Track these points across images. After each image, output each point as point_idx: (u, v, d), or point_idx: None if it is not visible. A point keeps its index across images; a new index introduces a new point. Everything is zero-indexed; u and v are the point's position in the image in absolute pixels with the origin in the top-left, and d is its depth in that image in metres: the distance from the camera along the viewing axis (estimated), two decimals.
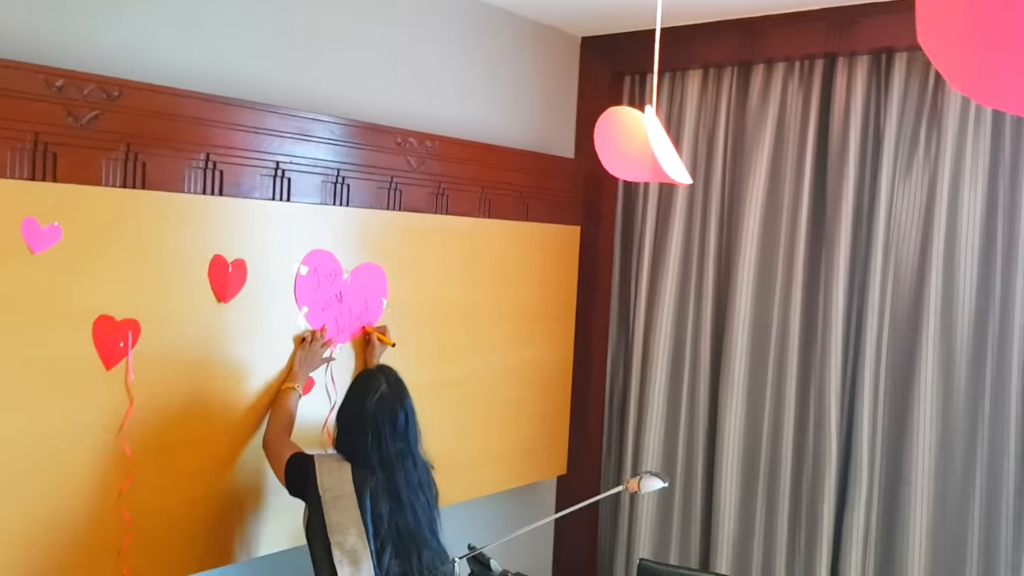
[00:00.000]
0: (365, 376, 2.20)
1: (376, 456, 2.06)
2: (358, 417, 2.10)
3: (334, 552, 1.96)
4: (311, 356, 2.39)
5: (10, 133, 1.82)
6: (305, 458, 2.10)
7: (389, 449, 2.07)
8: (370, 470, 2.05)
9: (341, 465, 2.06)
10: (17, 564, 1.87)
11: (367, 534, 1.97)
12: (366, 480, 2.02)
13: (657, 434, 3.38)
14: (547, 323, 3.24)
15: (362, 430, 2.08)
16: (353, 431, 2.10)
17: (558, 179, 3.26)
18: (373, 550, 1.97)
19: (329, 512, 1.99)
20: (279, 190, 2.34)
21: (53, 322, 1.90)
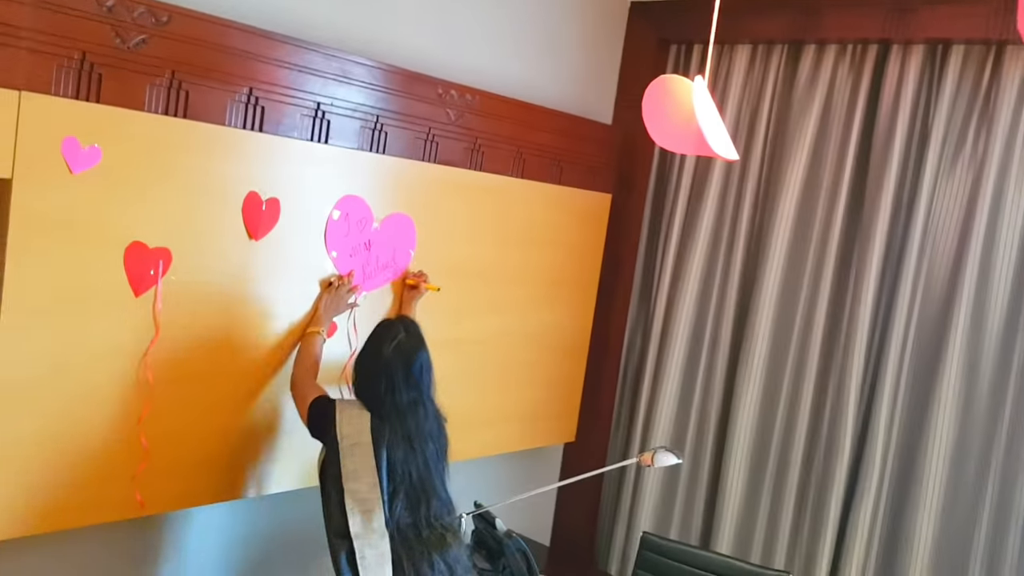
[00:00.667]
0: (384, 325, 2.22)
1: (390, 402, 2.09)
2: (375, 364, 2.13)
3: (347, 499, 1.99)
4: (336, 301, 2.41)
5: (58, 50, 1.82)
6: (327, 402, 2.14)
7: (402, 397, 2.10)
8: (386, 419, 2.07)
9: (361, 413, 2.09)
10: (32, 478, 1.92)
11: (381, 483, 2.01)
12: (383, 430, 2.05)
13: (669, 410, 3.41)
14: (569, 289, 3.25)
15: (377, 377, 2.11)
16: (369, 377, 2.13)
17: (594, 144, 3.25)
18: (386, 499, 2.00)
19: (345, 459, 2.02)
20: (318, 131, 2.34)
21: (86, 244, 1.92)
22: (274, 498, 2.51)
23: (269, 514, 2.66)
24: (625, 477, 3.52)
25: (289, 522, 2.73)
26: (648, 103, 2.13)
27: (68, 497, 1.97)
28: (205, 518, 2.52)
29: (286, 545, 2.76)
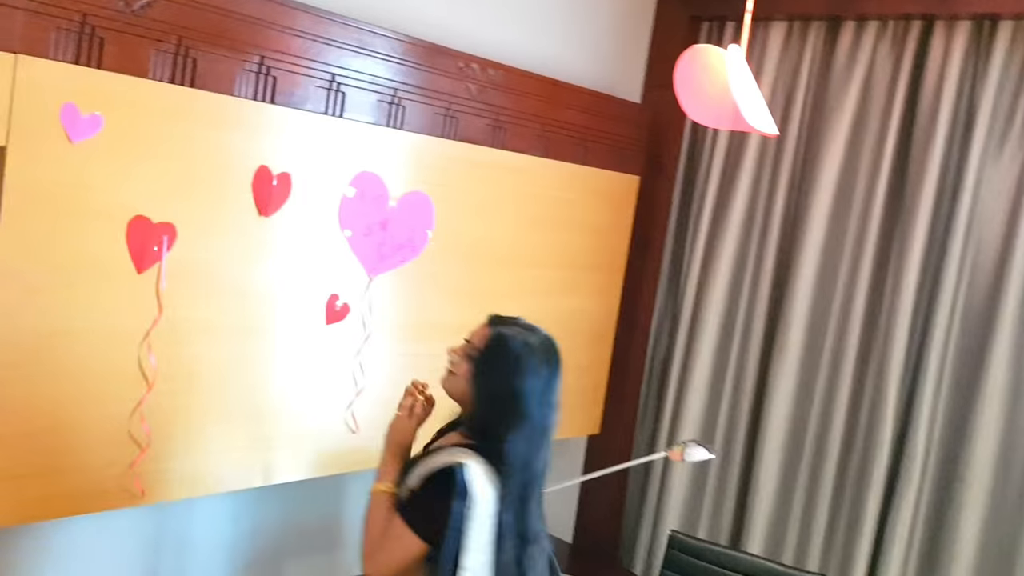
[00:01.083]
0: (520, 345, 1.86)
1: (521, 469, 1.82)
2: (511, 407, 1.83)
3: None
4: (404, 429, 1.95)
5: (57, 11, 1.74)
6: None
7: (539, 463, 1.85)
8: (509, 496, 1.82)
9: (486, 488, 1.80)
10: (23, 464, 1.84)
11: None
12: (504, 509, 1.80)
13: (698, 402, 3.31)
14: (594, 274, 3.15)
15: (514, 425, 1.82)
16: (502, 422, 1.84)
17: (622, 124, 3.15)
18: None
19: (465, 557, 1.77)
20: (332, 104, 2.25)
21: (85, 217, 1.84)
22: (282, 488, 2.43)
23: (277, 504, 2.59)
24: (651, 472, 3.42)
25: (298, 513, 2.65)
26: (681, 75, 2.02)
27: (63, 484, 1.90)
28: (210, 508, 2.45)
29: (294, 536, 2.69)
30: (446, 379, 1.92)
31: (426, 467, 1.85)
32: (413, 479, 1.86)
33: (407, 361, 2.53)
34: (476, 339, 1.90)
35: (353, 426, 2.43)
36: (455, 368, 1.90)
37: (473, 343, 1.89)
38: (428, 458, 1.87)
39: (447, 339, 2.47)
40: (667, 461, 3.23)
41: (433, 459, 1.86)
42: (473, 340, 1.90)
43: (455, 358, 1.91)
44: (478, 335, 1.90)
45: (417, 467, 1.87)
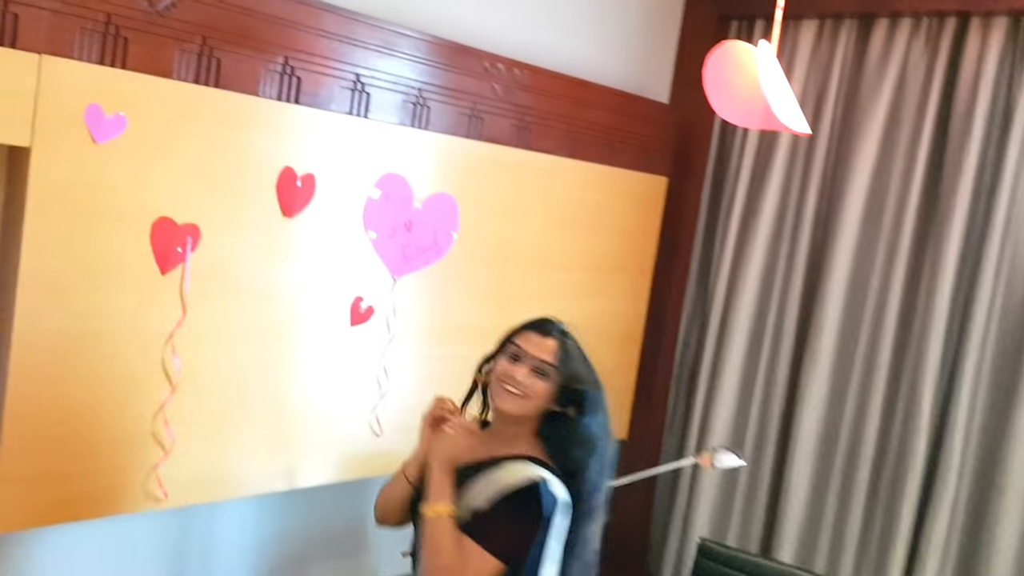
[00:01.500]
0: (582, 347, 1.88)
1: (597, 478, 1.81)
2: (597, 408, 1.85)
3: None
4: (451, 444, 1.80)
5: (81, 11, 1.75)
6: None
7: (608, 474, 1.84)
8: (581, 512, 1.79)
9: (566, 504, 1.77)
10: (46, 466, 1.84)
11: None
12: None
13: (728, 407, 3.26)
14: (621, 276, 3.12)
15: (588, 451, 1.81)
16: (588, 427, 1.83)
17: (649, 124, 3.12)
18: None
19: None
20: (357, 105, 2.25)
21: (110, 218, 1.84)
22: (306, 492, 2.41)
23: (301, 509, 2.58)
24: (680, 478, 3.38)
25: (322, 517, 2.64)
26: (710, 73, 1.98)
27: (85, 487, 1.90)
28: (234, 512, 2.44)
29: (319, 541, 2.67)
30: (514, 402, 1.81)
31: (496, 484, 1.74)
32: (478, 498, 1.74)
33: (432, 364, 2.51)
34: (541, 353, 1.82)
35: (377, 430, 2.42)
36: (528, 390, 1.79)
37: (540, 357, 1.81)
38: (490, 473, 1.77)
39: (472, 342, 2.46)
40: (696, 467, 3.18)
41: (501, 474, 1.76)
42: (538, 355, 1.81)
43: (525, 380, 1.80)
44: (541, 348, 1.82)
45: (477, 483, 1.76)
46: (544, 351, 1.83)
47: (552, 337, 1.85)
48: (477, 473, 1.78)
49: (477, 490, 1.76)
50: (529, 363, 1.81)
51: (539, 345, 1.83)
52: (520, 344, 1.84)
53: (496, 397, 1.84)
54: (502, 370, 1.83)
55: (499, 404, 1.83)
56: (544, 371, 1.81)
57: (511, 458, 1.80)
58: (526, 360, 1.82)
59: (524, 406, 1.82)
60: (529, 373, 1.81)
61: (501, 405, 1.83)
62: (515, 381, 1.80)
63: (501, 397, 1.82)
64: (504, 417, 1.85)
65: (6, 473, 1.78)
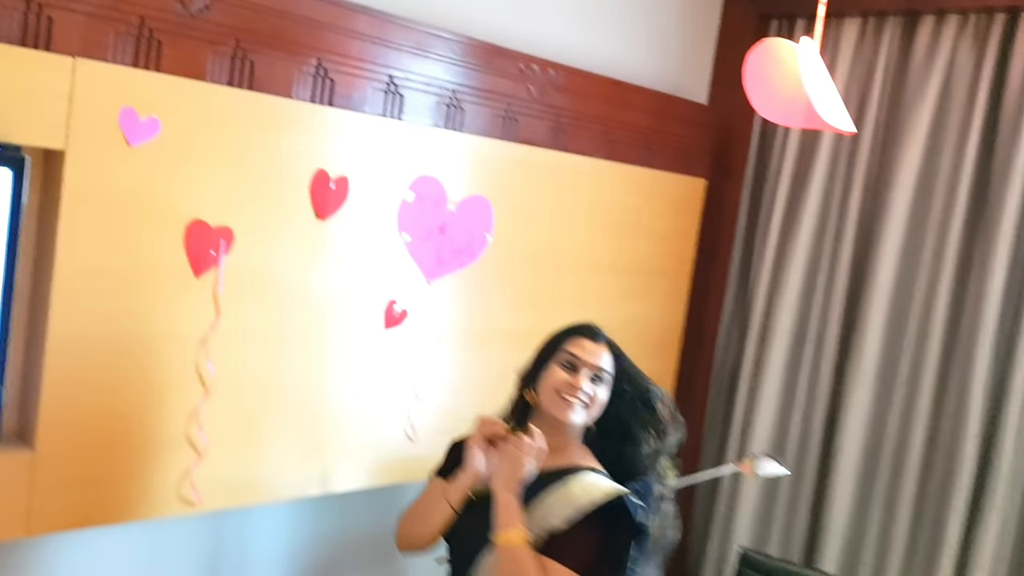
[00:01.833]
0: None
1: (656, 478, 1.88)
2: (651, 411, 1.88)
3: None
4: (514, 463, 1.73)
5: (115, 14, 1.75)
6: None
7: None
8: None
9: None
10: (79, 469, 1.85)
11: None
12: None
13: (769, 414, 3.21)
14: (659, 280, 3.09)
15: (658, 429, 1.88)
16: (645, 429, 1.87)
17: (687, 126, 3.08)
18: None
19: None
20: (391, 106, 2.24)
21: (144, 221, 1.85)
22: (341, 498, 2.41)
23: (336, 514, 2.57)
24: (720, 486, 3.32)
25: (356, 523, 2.63)
26: (750, 70, 1.95)
27: (119, 491, 1.91)
28: (269, 517, 2.43)
29: (353, 546, 2.66)
30: (580, 412, 1.80)
31: (572, 502, 1.71)
32: (551, 518, 1.70)
33: (466, 368, 2.50)
34: (597, 359, 1.82)
35: (412, 435, 2.40)
36: (591, 400, 1.81)
37: (598, 365, 1.82)
38: (554, 489, 1.74)
39: (507, 346, 2.47)
40: (737, 475, 3.13)
41: (574, 491, 1.72)
42: (595, 362, 1.82)
43: (589, 389, 1.80)
44: (596, 355, 1.83)
45: (543, 501, 1.73)
46: (599, 357, 1.83)
47: (603, 342, 1.86)
48: (537, 489, 1.75)
49: (547, 509, 1.72)
50: (588, 371, 1.81)
51: (593, 352, 1.83)
52: (574, 352, 1.83)
53: (556, 409, 1.81)
54: (562, 381, 1.81)
55: (562, 416, 1.80)
56: (603, 378, 1.82)
57: (570, 471, 1.77)
58: (584, 368, 1.81)
59: (585, 416, 1.82)
60: (588, 382, 1.81)
61: (565, 416, 1.80)
62: (579, 391, 1.79)
63: (564, 408, 1.80)
64: (557, 428, 1.82)
65: (41, 477, 1.79)
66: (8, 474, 1.75)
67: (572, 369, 1.81)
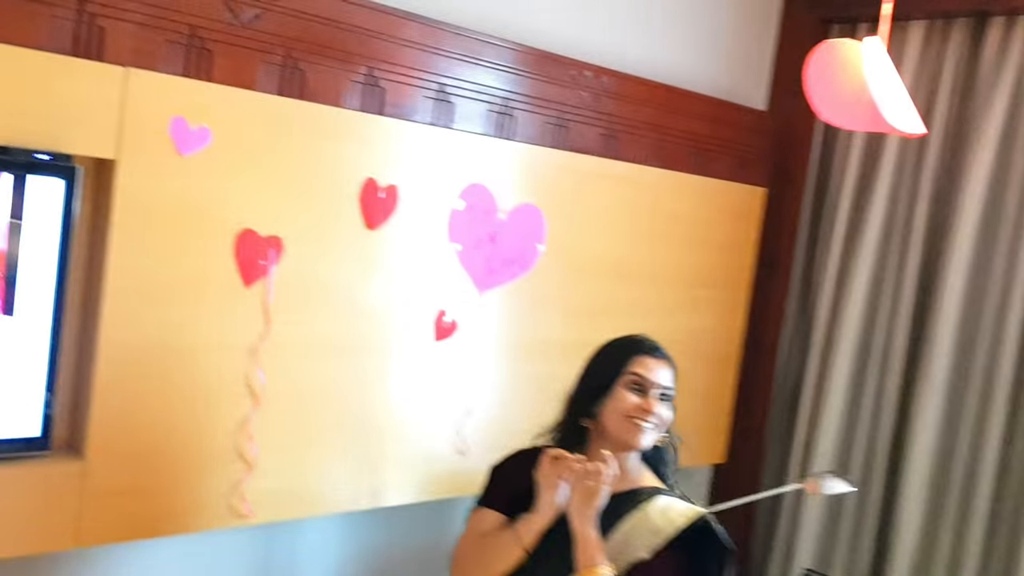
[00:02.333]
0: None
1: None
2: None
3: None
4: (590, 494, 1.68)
5: (165, 24, 1.77)
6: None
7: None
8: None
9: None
10: (128, 480, 1.85)
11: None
12: None
13: (833, 430, 3.11)
14: (716, 293, 3.03)
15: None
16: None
17: (745, 133, 3.03)
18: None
19: None
20: (441, 115, 2.23)
21: (194, 230, 1.86)
22: (391, 511, 2.39)
23: (385, 528, 2.55)
24: (781, 505, 3.23)
25: (406, 537, 2.60)
26: (812, 72, 1.90)
27: (167, 502, 1.92)
28: (319, 530, 2.42)
29: (403, 562, 2.63)
30: (651, 436, 1.77)
31: (654, 530, 1.68)
32: (634, 548, 1.67)
33: (517, 381, 2.47)
34: (663, 379, 1.79)
35: (462, 448, 2.37)
36: (662, 421, 1.78)
37: (664, 384, 1.78)
38: (631, 516, 1.70)
39: (559, 358, 2.43)
40: (800, 493, 3.04)
41: (654, 519, 1.69)
42: (661, 381, 1.78)
43: (662, 411, 1.77)
44: (661, 373, 1.79)
45: (623, 529, 1.69)
46: (664, 376, 1.79)
47: (665, 359, 1.82)
48: (610, 517, 1.70)
49: (626, 538, 1.68)
50: (657, 392, 1.77)
51: (658, 370, 1.79)
52: (640, 373, 1.78)
53: (628, 435, 1.76)
54: (632, 405, 1.76)
55: (635, 442, 1.76)
56: (670, 397, 1.79)
57: (639, 493, 1.74)
58: (651, 389, 1.77)
59: (655, 438, 1.79)
60: (658, 402, 1.77)
61: (638, 442, 1.76)
62: (650, 415, 1.75)
63: (636, 433, 1.76)
64: (619, 449, 1.77)
65: (91, 488, 1.80)
66: (58, 484, 1.77)
67: (641, 391, 1.77)
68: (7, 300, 1.66)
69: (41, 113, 1.63)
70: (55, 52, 1.64)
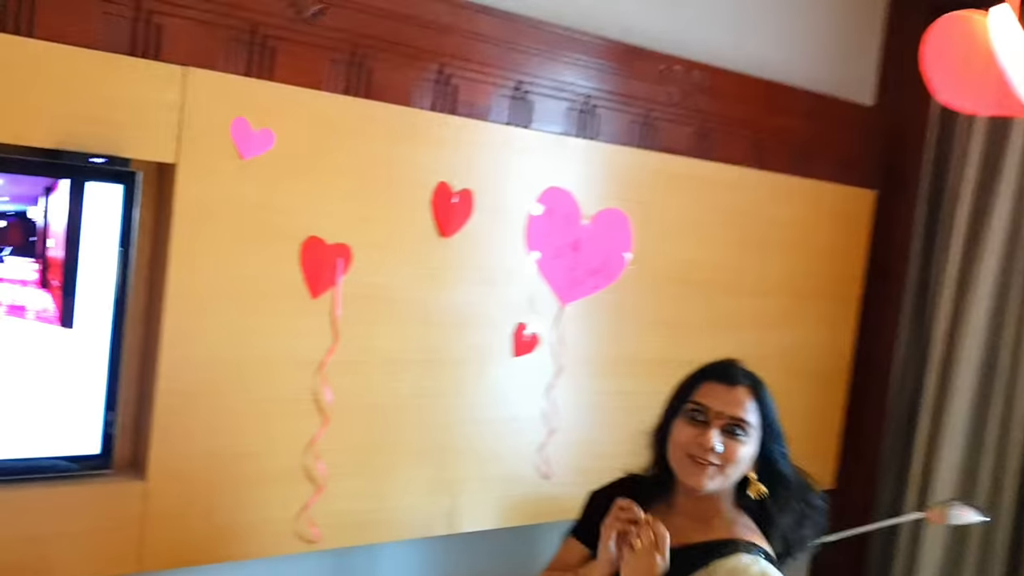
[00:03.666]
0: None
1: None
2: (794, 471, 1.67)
3: None
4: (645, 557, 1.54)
5: (226, 21, 1.74)
6: None
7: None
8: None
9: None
10: (190, 503, 1.80)
11: None
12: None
13: (955, 454, 2.91)
14: (822, 303, 2.87)
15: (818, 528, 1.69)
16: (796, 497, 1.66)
17: (850, 130, 2.88)
18: None
19: None
20: (518, 114, 2.16)
21: (258, 238, 1.81)
22: (468, 538, 2.31)
23: (463, 556, 2.45)
24: (898, 536, 3.03)
25: (486, 567, 2.49)
26: (931, 48, 1.75)
27: (231, 525, 1.86)
28: (391, 557, 2.33)
29: None
30: (711, 478, 1.57)
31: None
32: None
33: (604, 400, 2.37)
34: (732, 408, 1.58)
35: (546, 471, 2.28)
36: (726, 460, 1.57)
37: (732, 414, 1.58)
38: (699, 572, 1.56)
39: (649, 375, 2.34)
40: (919, 524, 2.84)
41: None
42: (729, 411, 1.58)
43: (720, 446, 1.57)
44: (730, 402, 1.58)
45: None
46: (735, 405, 1.58)
47: (741, 385, 1.61)
48: (678, 572, 1.55)
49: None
50: (719, 423, 1.57)
51: (727, 399, 1.59)
52: (701, 401, 1.60)
53: (684, 473, 1.60)
54: (686, 439, 1.59)
55: (692, 482, 1.59)
56: (741, 430, 1.57)
57: (717, 547, 1.56)
58: (714, 420, 1.58)
59: (724, 480, 1.58)
60: (722, 437, 1.57)
61: (694, 483, 1.59)
62: (708, 451, 1.56)
63: (691, 473, 1.58)
64: (697, 493, 1.61)
65: (153, 510, 1.76)
66: (120, 506, 1.73)
67: (700, 423, 1.59)
68: (65, 312, 1.63)
69: (97, 116, 1.60)
70: (110, 51, 1.61)
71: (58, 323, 1.63)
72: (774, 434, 1.63)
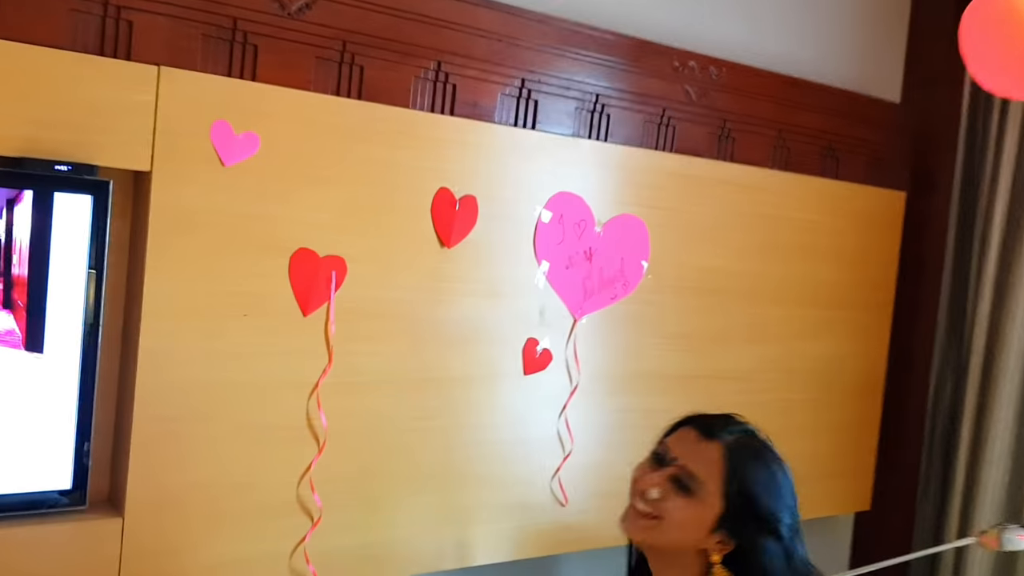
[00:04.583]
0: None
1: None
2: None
3: None
4: None
5: (204, 17, 1.64)
6: None
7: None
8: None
9: None
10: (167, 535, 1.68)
11: None
12: None
13: (1000, 472, 2.78)
14: (853, 313, 2.75)
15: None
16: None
17: (878, 129, 2.77)
18: None
19: None
20: (522, 114, 2.07)
21: (243, 251, 1.70)
22: (482, 572, 2.19)
23: None
24: (941, 560, 2.87)
25: None
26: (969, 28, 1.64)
27: (219, 564, 1.74)
28: None
29: None
30: (640, 527, 1.44)
31: None
32: None
33: (623, 418, 2.25)
34: (691, 460, 1.43)
35: (561, 498, 2.17)
36: (661, 510, 1.42)
37: (687, 466, 1.43)
38: None
39: (669, 391, 2.25)
40: (963, 549, 2.69)
41: None
42: (686, 462, 1.43)
43: (655, 493, 1.43)
44: (694, 454, 1.43)
45: None
46: (697, 458, 1.42)
47: (717, 440, 1.44)
48: None
49: None
50: (670, 471, 1.43)
51: (691, 449, 1.44)
52: (668, 443, 1.47)
53: (621, 517, 1.47)
54: (634, 475, 1.47)
55: (621, 527, 1.47)
56: (687, 485, 1.41)
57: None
58: (668, 466, 1.44)
59: (656, 535, 1.42)
60: (668, 484, 1.42)
61: (623, 529, 1.47)
62: (643, 495, 1.42)
63: (623, 517, 1.46)
64: (659, 552, 1.46)
65: (131, 549, 1.63)
66: (95, 545, 1.61)
67: (657, 464, 1.46)
68: (30, 335, 1.52)
69: (64, 120, 1.50)
70: (78, 51, 1.51)
71: (24, 347, 1.52)
72: (761, 521, 1.40)
